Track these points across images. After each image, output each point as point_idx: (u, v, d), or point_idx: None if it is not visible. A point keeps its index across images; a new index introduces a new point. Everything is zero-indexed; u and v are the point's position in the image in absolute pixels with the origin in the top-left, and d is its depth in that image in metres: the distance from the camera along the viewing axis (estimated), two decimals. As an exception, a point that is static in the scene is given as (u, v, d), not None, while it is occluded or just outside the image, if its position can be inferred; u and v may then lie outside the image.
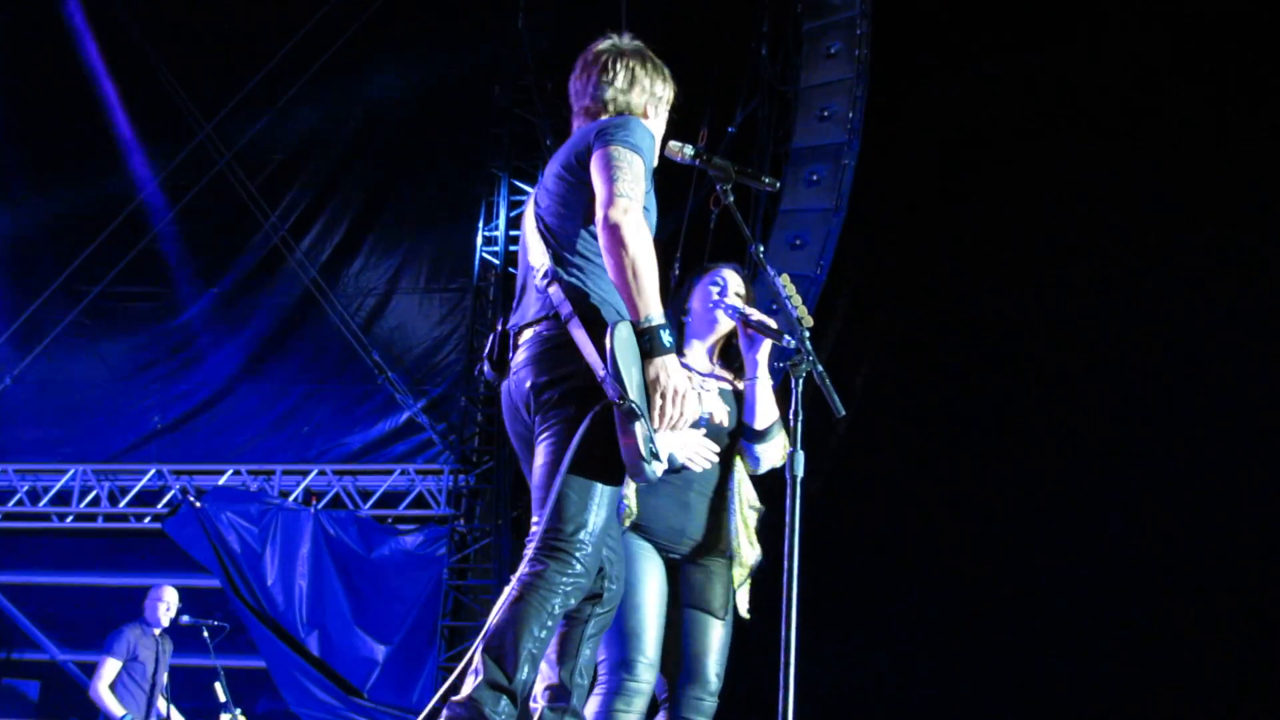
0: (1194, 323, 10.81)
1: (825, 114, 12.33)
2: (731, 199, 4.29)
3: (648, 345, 3.82)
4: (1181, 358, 10.84)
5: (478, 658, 3.76)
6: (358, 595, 13.54)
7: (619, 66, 4.29)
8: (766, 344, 4.85)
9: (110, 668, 10.40)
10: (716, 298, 4.99)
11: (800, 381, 4.04)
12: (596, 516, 3.86)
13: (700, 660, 4.86)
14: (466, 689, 3.73)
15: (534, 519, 3.93)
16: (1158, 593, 10.46)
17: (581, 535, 3.83)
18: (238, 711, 10.84)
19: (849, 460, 11.40)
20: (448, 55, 14.68)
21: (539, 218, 4.19)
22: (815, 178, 12.22)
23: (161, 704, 10.62)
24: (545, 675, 4.00)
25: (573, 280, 4.00)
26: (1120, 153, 11.35)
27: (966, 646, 11.05)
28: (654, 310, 3.82)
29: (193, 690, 12.02)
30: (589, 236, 4.05)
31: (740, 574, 4.97)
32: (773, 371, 4.88)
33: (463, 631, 13.39)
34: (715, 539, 4.94)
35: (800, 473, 4.00)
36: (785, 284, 4.22)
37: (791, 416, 4.05)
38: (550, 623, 3.79)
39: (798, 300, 4.21)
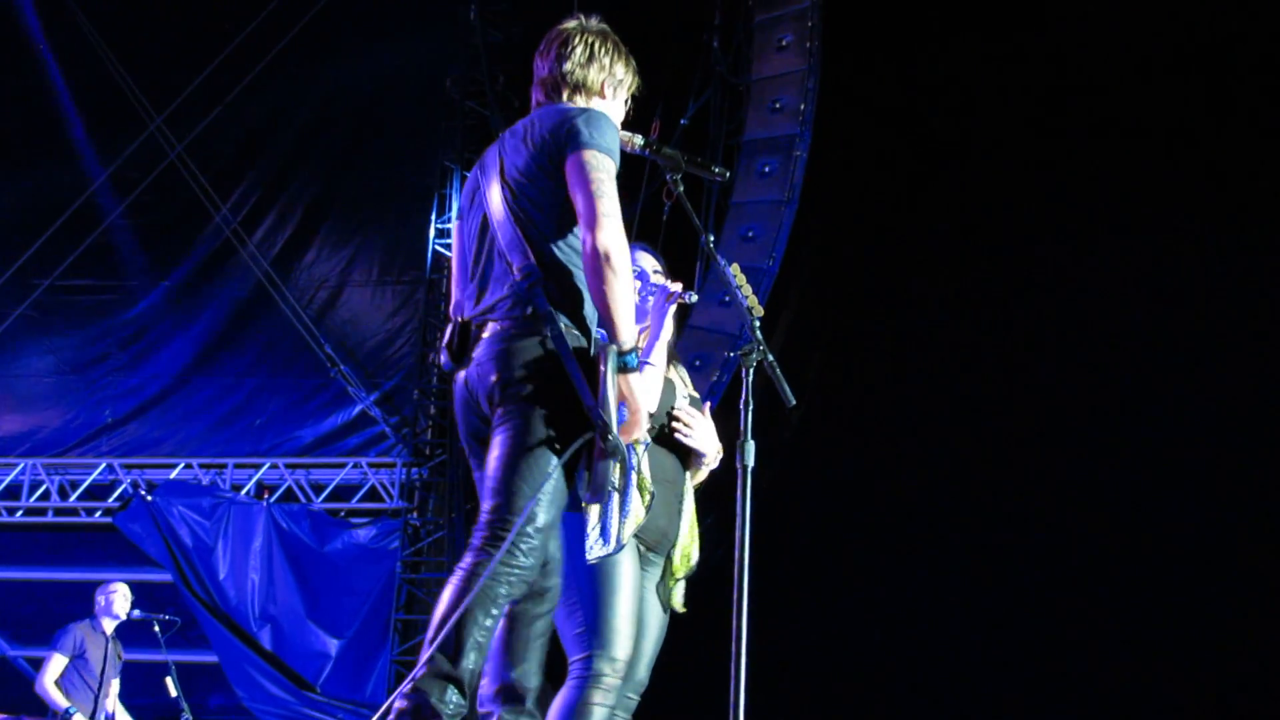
0: (1149, 306, 10.87)
1: (777, 106, 12.36)
2: (682, 189, 4.31)
3: (623, 364, 3.88)
4: (1138, 343, 10.91)
5: (425, 650, 3.76)
6: (310, 589, 13.51)
7: (579, 42, 4.33)
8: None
9: (56, 663, 10.39)
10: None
11: (751, 371, 4.06)
12: (545, 512, 3.86)
13: (637, 662, 4.90)
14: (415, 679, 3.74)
15: (483, 507, 3.93)
16: (1119, 584, 10.53)
17: (528, 528, 3.82)
18: (188, 707, 10.80)
19: (801, 451, 11.44)
20: (399, 47, 14.66)
21: (516, 207, 4.12)
22: (767, 170, 12.25)
23: (110, 703, 10.58)
24: (497, 678, 4.00)
25: (553, 290, 4.00)
26: (1077, 140, 11.41)
27: (918, 639, 11.10)
28: (631, 334, 3.89)
29: (144, 685, 11.97)
30: (565, 241, 4.07)
31: (682, 568, 4.98)
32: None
33: (416, 625, 13.37)
34: (676, 540, 4.97)
35: (751, 462, 4.01)
36: (736, 273, 4.24)
37: (742, 406, 4.06)
38: (495, 611, 3.79)
39: (748, 290, 4.23)
